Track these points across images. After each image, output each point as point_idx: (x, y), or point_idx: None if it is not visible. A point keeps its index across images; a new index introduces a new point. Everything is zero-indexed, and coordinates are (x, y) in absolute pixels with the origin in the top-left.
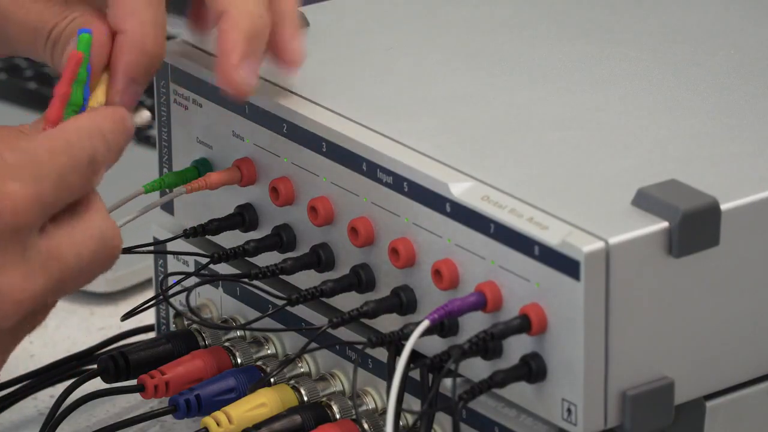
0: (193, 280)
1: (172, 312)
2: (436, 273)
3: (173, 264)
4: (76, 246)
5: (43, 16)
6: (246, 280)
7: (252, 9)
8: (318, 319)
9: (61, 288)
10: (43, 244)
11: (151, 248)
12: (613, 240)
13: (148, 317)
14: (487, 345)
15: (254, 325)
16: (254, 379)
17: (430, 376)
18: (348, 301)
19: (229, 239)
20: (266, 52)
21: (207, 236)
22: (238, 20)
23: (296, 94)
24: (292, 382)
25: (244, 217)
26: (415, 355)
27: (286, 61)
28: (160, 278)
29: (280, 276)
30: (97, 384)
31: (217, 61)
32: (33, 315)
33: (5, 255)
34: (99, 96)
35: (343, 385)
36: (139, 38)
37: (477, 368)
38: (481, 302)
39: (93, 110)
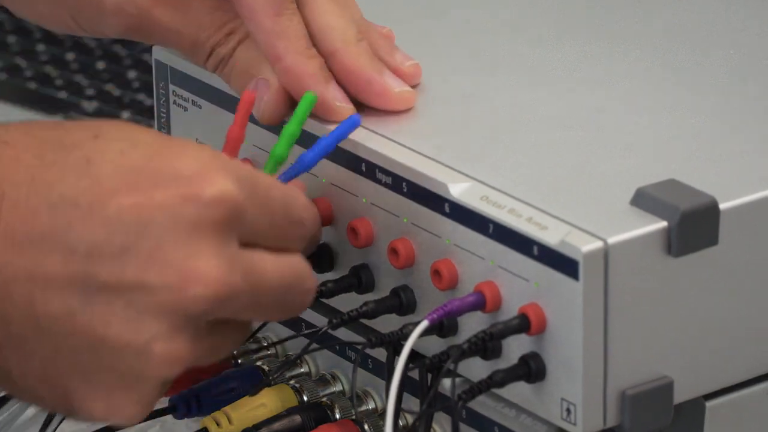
0: None
1: None
2: (436, 273)
3: None
4: (280, 269)
5: (200, 26)
6: None
7: (355, 39)
8: (318, 320)
9: (258, 303)
10: (247, 254)
11: None
12: (612, 240)
13: None
14: (486, 345)
15: (258, 335)
16: (254, 379)
17: (429, 375)
18: (348, 302)
19: None
20: None
21: None
22: (352, 50)
23: None
24: (292, 382)
25: None
26: (414, 355)
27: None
28: None
29: None
30: None
31: (365, 93)
32: (228, 329)
33: (207, 243)
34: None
35: (343, 386)
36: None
37: (476, 368)
38: (480, 302)
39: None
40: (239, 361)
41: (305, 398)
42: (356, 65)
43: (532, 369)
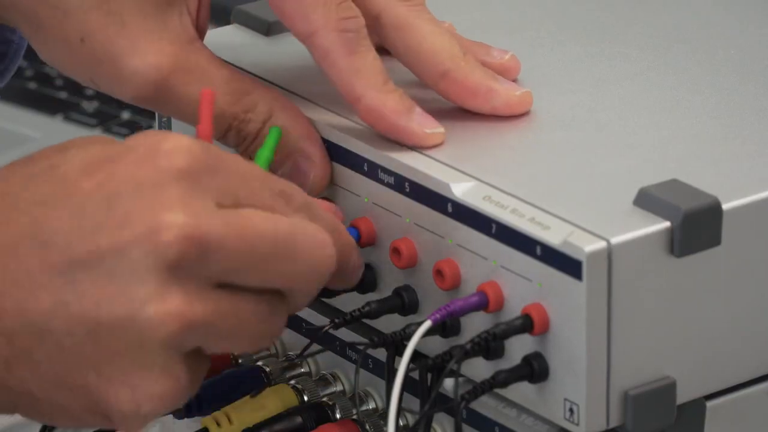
0: None
1: None
2: (438, 273)
3: None
4: (272, 220)
5: (218, 105)
6: None
7: (461, 54)
8: (319, 320)
9: (254, 253)
10: (228, 209)
11: None
12: (615, 240)
13: None
14: (489, 345)
15: None
16: (255, 379)
17: (430, 376)
18: (349, 302)
19: None
20: None
21: None
22: (463, 67)
23: (296, 94)
24: (292, 382)
25: None
26: (416, 356)
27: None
28: None
29: None
30: None
31: (487, 104)
32: (244, 291)
33: (172, 193)
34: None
35: (343, 386)
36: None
37: (479, 368)
38: (483, 302)
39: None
40: (239, 361)
41: (305, 398)
42: (472, 81)
43: (534, 369)
